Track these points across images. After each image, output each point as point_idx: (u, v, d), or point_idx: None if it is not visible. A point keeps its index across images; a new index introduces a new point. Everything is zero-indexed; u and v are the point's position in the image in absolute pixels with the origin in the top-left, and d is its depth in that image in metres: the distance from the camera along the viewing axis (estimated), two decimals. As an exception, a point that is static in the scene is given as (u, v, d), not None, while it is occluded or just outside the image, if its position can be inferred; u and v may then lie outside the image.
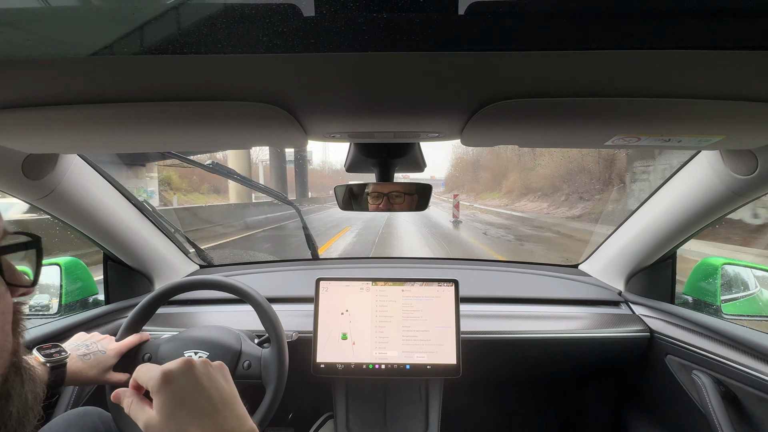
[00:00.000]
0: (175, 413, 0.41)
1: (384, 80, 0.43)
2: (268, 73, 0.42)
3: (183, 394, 0.43)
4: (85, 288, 1.21)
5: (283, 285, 1.35)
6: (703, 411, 0.92)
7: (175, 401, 0.42)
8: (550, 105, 0.49)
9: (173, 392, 0.43)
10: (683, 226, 1.00)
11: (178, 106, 0.49)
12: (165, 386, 0.43)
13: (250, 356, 0.88)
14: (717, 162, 0.83)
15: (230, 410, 0.44)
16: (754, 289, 1.21)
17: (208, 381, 0.45)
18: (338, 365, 1.01)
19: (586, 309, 1.23)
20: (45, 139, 0.65)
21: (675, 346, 1.03)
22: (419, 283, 1.07)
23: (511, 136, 0.66)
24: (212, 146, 0.78)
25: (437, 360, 1.01)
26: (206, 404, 0.43)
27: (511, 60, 0.38)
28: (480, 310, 1.21)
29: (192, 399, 0.43)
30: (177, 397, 0.42)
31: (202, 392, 0.44)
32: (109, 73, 0.41)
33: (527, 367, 1.25)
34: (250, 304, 0.90)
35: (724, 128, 0.58)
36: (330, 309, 1.05)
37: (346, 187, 0.90)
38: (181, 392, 0.43)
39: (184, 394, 0.43)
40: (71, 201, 0.91)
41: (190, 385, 0.44)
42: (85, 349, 0.80)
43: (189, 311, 1.20)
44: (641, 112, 0.51)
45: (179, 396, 0.43)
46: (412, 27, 0.33)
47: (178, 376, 0.44)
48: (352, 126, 0.62)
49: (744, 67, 0.39)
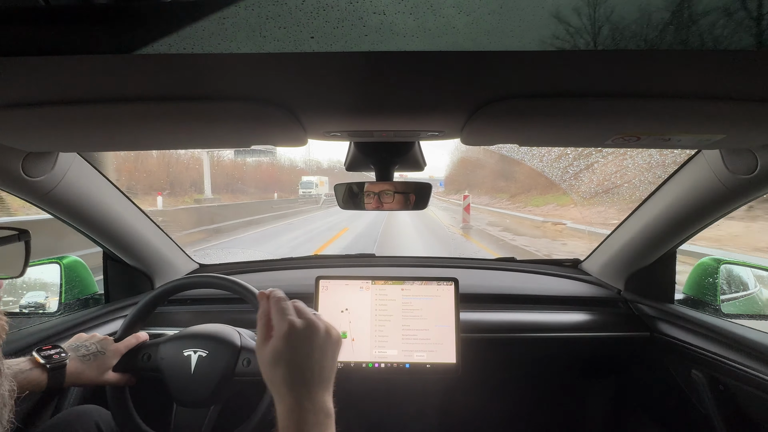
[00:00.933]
0: (278, 362, 0.45)
1: (384, 79, 0.43)
2: (268, 73, 0.42)
3: (291, 354, 0.46)
4: (85, 287, 1.22)
5: (282, 283, 1.35)
6: (702, 410, 0.93)
7: (280, 355, 0.46)
8: (550, 104, 0.49)
9: (285, 347, 0.46)
10: (683, 226, 1.00)
11: (178, 105, 0.49)
12: (284, 337, 0.46)
13: (250, 353, 0.88)
14: (717, 161, 0.83)
15: (323, 387, 0.47)
16: (753, 289, 1.21)
17: (319, 353, 0.48)
18: (338, 364, 1.01)
19: (586, 308, 1.23)
20: (45, 137, 0.65)
21: (674, 345, 1.03)
22: (419, 281, 1.07)
23: (510, 135, 0.66)
24: (212, 145, 0.78)
25: (437, 359, 1.01)
26: (306, 373, 0.46)
27: (511, 59, 0.38)
28: (480, 309, 1.21)
29: (295, 362, 0.46)
30: (284, 352, 0.46)
31: (308, 360, 0.46)
32: (108, 72, 0.41)
33: (527, 366, 1.25)
34: (250, 302, 0.91)
35: (724, 128, 0.58)
36: (329, 307, 1.06)
37: (346, 185, 0.90)
38: (291, 353, 0.46)
39: (291, 355, 0.46)
40: (71, 199, 0.91)
41: (302, 351, 0.46)
42: (84, 350, 0.80)
43: (188, 310, 1.20)
44: (641, 112, 0.51)
45: (287, 355, 0.46)
46: (410, 26, 0.33)
47: (297, 337, 0.47)
48: (351, 125, 0.62)
49: (744, 66, 0.39)
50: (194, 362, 0.85)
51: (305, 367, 0.46)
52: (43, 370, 0.72)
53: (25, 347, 0.83)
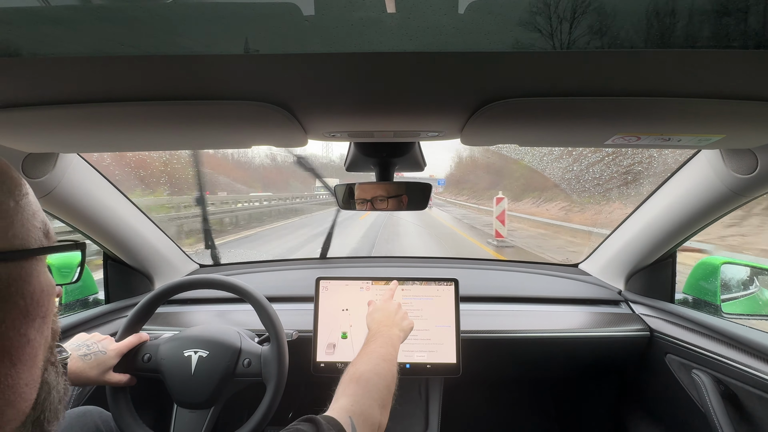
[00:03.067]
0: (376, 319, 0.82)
1: (384, 79, 0.43)
2: (268, 73, 0.42)
3: (381, 315, 0.82)
4: (85, 287, 1.22)
5: (283, 284, 1.35)
6: (703, 410, 0.93)
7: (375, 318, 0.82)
8: (550, 104, 0.49)
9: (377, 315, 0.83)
10: (683, 226, 1.00)
11: (178, 105, 0.49)
12: (372, 312, 0.85)
13: (250, 354, 0.88)
14: (717, 161, 0.83)
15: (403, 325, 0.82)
16: (753, 289, 1.21)
17: (397, 314, 0.84)
18: (338, 364, 1.01)
19: (586, 308, 1.23)
20: (45, 138, 0.65)
21: (675, 345, 1.03)
22: (419, 282, 1.07)
23: (510, 135, 0.66)
24: (212, 146, 0.78)
25: (437, 359, 1.01)
26: (393, 319, 0.81)
27: (511, 59, 0.38)
28: (480, 309, 1.21)
29: (385, 316, 0.82)
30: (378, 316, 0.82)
31: (391, 316, 0.82)
32: (109, 72, 0.41)
33: (527, 366, 1.25)
34: (250, 302, 0.91)
35: (724, 127, 0.58)
36: (330, 308, 1.06)
37: (346, 186, 0.90)
38: (380, 315, 0.82)
39: (381, 315, 0.82)
40: (71, 200, 0.91)
41: (385, 313, 0.83)
42: (85, 349, 0.80)
43: (189, 310, 1.20)
44: (641, 112, 0.51)
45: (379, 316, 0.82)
46: (411, 27, 0.33)
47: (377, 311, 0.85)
48: (352, 125, 0.62)
49: (744, 66, 0.39)
50: (194, 363, 0.85)
51: (396, 316, 0.83)
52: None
53: None
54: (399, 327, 0.80)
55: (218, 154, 17.52)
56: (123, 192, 1.06)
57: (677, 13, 0.32)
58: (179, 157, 4.98)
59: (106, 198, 1.00)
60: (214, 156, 17.39)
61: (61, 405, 0.36)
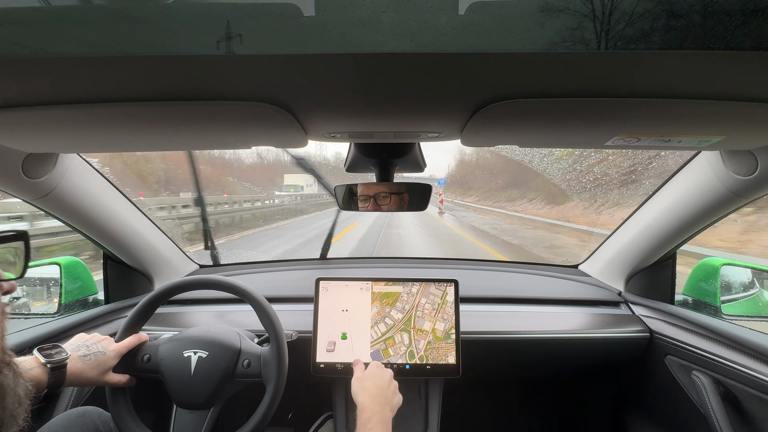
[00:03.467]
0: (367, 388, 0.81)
1: (384, 80, 0.43)
2: (269, 73, 0.42)
3: (373, 385, 0.81)
4: (85, 287, 1.21)
5: (282, 285, 1.35)
6: (703, 411, 0.92)
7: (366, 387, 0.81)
8: (550, 105, 0.49)
9: (368, 383, 0.82)
10: (683, 227, 1.00)
11: (178, 106, 0.49)
12: (363, 378, 0.84)
13: (250, 354, 0.88)
14: (717, 163, 0.83)
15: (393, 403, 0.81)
16: (753, 290, 1.21)
17: (389, 388, 0.83)
18: (338, 365, 1.01)
19: (586, 309, 1.23)
20: (45, 138, 0.65)
21: (675, 346, 1.03)
22: (419, 282, 1.07)
23: (511, 136, 0.66)
24: (212, 146, 0.78)
25: (437, 359, 1.01)
26: (385, 394, 0.80)
27: (511, 60, 0.38)
28: (480, 310, 1.21)
29: (377, 389, 0.81)
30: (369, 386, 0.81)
31: (384, 390, 0.81)
32: (108, 72, 0.41)
33: (527, 367, 1.25)
34: (249, 303, 0.90)
35: (724, 128, 0.58)
36: (330, 309, 1.05)
37: (346, 187, 0.90)
38: (372, 386, 0.81)
39: (373, 385, 0.81)
40: (71, 200, 0.91)
41: (378, 384, 0.82)
42: (85, 349, 0.80)
43: (188, 311, 1.20)
44: (641, 113, 0.51)
45: (372, 388, 0.81)
46: (411, 28, 0.33)
47: (369, 378, 0.84)
48: (352, 126, 0.62)
49: (744, 67, 0.39)
50: (194, 363, 0.84)
51: (382, 394, 0.80)
52: (43, 370, 0.72)
53: (25, 347, 0.83)
54: (390, 406, 0.79)
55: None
56: (123, 192, 1.06)
57: (677, 15, 0.32)
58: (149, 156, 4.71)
59: (106, 198, 1.00)
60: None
61: (21, 408, 0.34)
